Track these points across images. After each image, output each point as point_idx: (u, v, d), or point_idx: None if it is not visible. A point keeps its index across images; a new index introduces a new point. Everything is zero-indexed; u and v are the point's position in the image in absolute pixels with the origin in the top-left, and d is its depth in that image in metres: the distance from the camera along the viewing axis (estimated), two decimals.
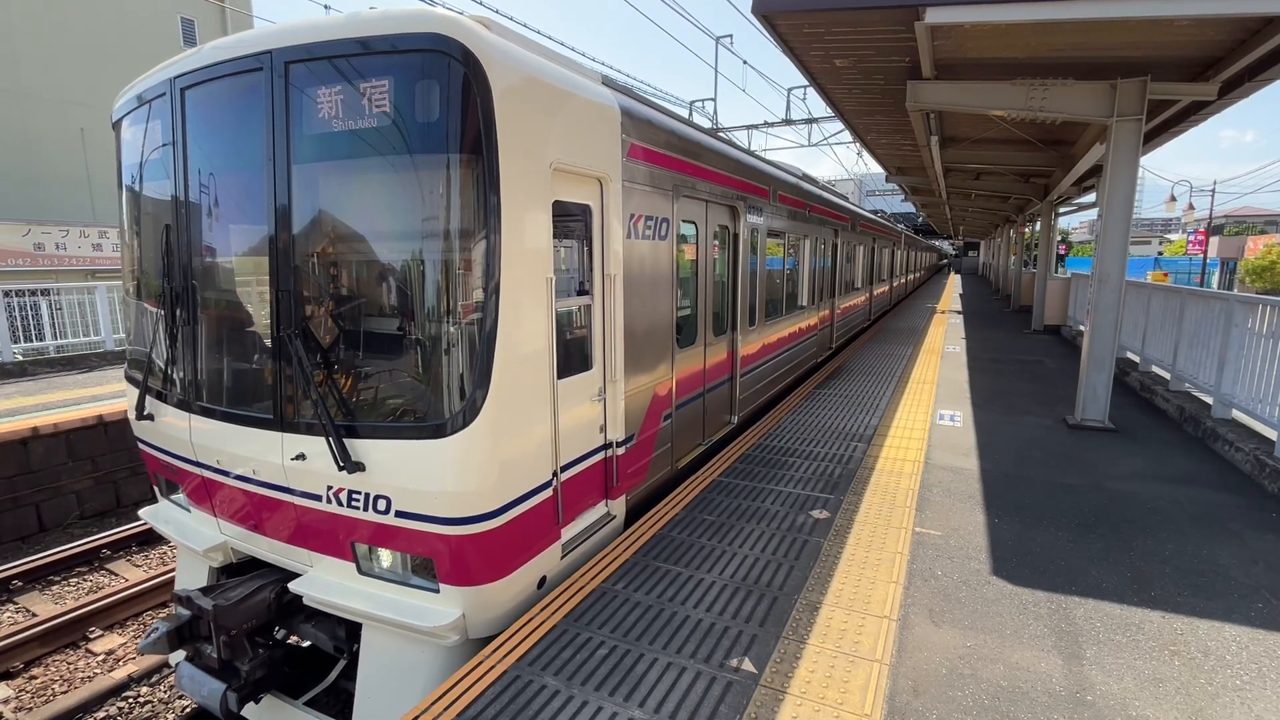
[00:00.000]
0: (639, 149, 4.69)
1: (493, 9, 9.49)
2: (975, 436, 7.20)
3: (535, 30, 9.78)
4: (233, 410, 3.77)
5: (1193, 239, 45.58)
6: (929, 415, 8.08)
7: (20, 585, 6.87)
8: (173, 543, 4.50)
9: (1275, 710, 2.96)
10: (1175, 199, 28.90)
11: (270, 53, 3.38)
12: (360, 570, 3.60)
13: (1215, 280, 39.62)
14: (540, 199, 3.55)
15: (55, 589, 6.94)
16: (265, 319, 3.57)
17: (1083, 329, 9.32)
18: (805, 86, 21.23)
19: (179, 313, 3.92)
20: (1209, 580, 4.12)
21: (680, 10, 14.18)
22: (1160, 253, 61.72)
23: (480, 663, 3.22)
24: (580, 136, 3.95)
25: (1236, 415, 7.02)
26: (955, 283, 44.76)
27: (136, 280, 4.44)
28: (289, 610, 3.94)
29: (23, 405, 9.54)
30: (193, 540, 4.25)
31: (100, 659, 5.84)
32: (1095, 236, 7.97)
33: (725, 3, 16.13)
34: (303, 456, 3.46)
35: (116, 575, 7.26)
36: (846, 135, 19.84)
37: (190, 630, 3.76)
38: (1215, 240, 41.04)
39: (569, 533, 4.14)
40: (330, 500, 3.48)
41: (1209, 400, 7.53)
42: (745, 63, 22.82)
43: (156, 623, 3.74)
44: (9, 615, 6.46)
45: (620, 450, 4.62)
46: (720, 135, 8.17)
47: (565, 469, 4.00)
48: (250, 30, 3.62)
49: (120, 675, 5.53)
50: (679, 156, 5.40)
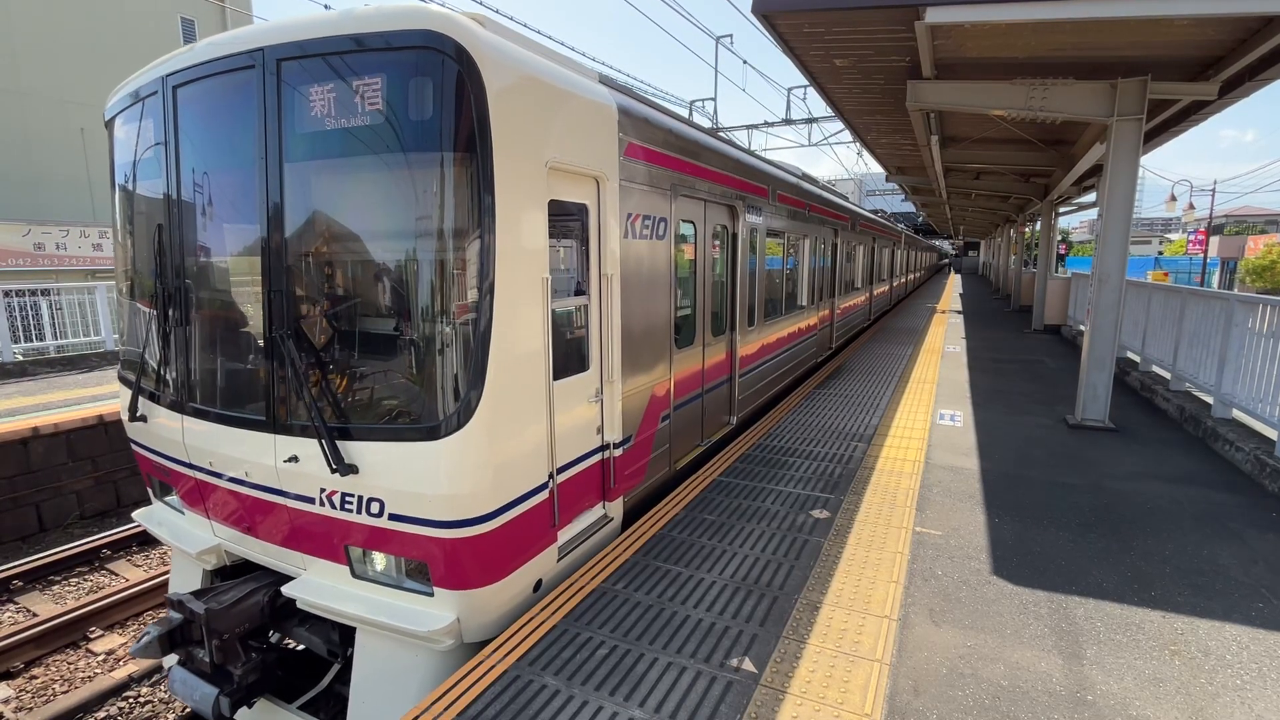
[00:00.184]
0: (636, 148, 4.66)
1: (493, 8, 9.48)
2: (975, 436, 7.20)
3: (536, 30, 9.78)
4: (225, 412, 3.73)
5: (1193, 239, 45.59)
6: (929, 415, 8.07)
7: (20, 585, 6.87)
8: (166, 545, 4.48)
9: (1276, 710, 2.96)
10: (1175, 198, 28.90)
11: (262, 50, 3.34)
12: (354, 574, 3.56)
13: (1215, 280, 39.61)
14: (536, 198, 3.52)
15: (56, 589, 6.94)
16: (258, 319, 3.54)
17: (1083, 329, 9.32)
18: (805, 86, 21.24)
19: (171, 313, 3.88)
20: (1209, 580, 4.12)
21: (680, 10, 14.18)
22: (1160, 252, 61.73)
23: (480, 662, 3.22)
24: (577, 135, 3.92)
25: (1237, 415, 7.01)
26: (955, 282, 44.76)
27: (129, 280, 4.40)
28: (283, 614, 3.89)
29: (23, 405, 9.54)
30: (186, 543, 4.21)
31: (100, 659, 5.84)
32: (1095, 236, 7.97)
33: (725, 2, 16.14)
34: (295, 459, 3.43)
35: (117, 575, 7.26)
36: (847, 135, 19.86)
37: (182, 634, 3.73)
38: (1215, 240, 41.03)
39: (565, 535, 4.11)
40: (323, 503, 3.45)
41: (1209, 400, 7.52)
42: (745, 62, 22.83)
43: (149, 627, 3.70)
44: (9, 615, 6.46)
45: (618, 452, 4.59)
46: (720, 135, 8.17)
47: (562, 471, 3.95)
48: (243, 27, 3.61)
49: (120, 675, 5.53)
50: (677, 156, 5.36)
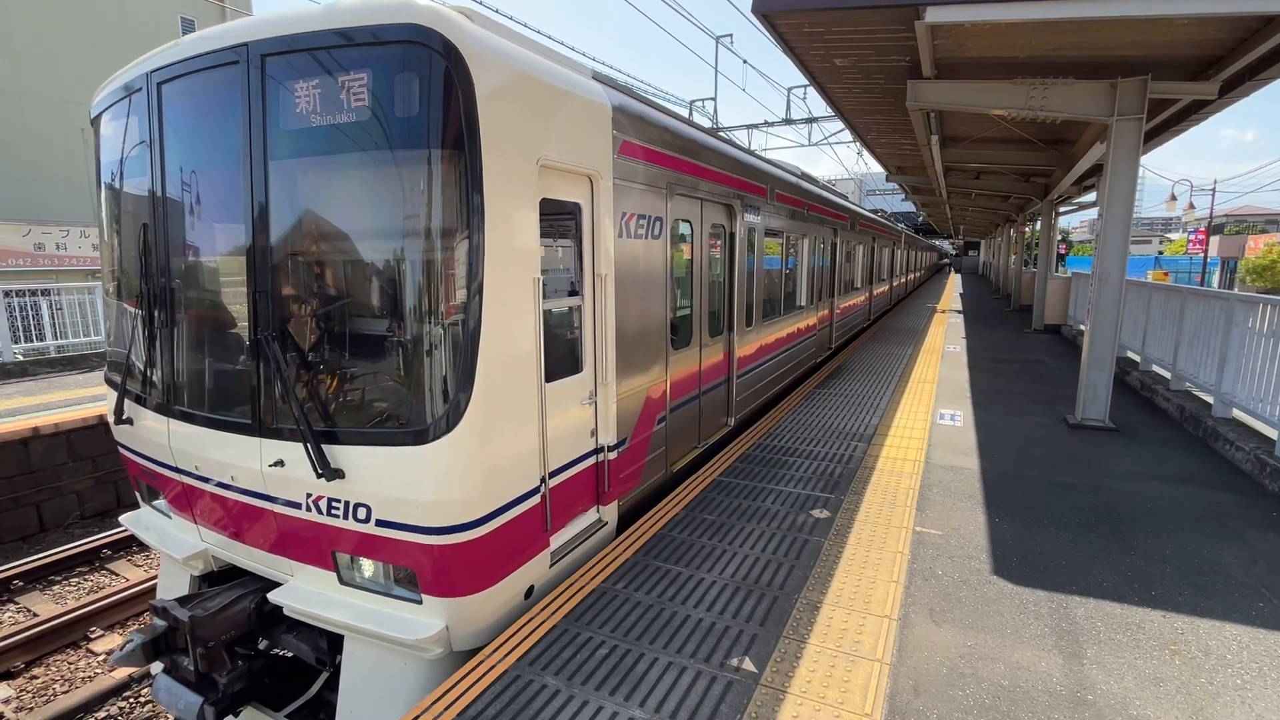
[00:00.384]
0: (631, 146, 4.60)
1: (493, 8, 9.47)
2: (976, 436, 7.20)
3: (536, 30, 9.77)
4: (211, 415, 3.67)
5: (1193, 238, 45.59)
6: (929, 415, 8.07)
7: (21, 585, 6.87)
8: (153, 550, 4.43)
9: (1276, 710, 2.96)
10: (1176, 198, 28.92)
11: (246, 45, 3.28)
12: (341, 580, 3.51)
13: (1216, 279, 39.61)
14: (527, 197, 3.46)
15: (56, 589, 6.94)
16: (243, 321, 3.48)
17: (1083, 328, 9.31)
18: (805, 86, 21.25)
19: (156, 314, 3.82)
20: (1210, 580, 4.12)
21: (680, 10, 14.18)
22: (1161, 252, 61.75)
23: (480, 662, 3.22)
24: (569, 132, 3.85)
25: (1237, 414, 7.01)
26: (955, 282, 44.75)
27: (116, 280, 4.34)
28: (270, 620, 3.81)
29: (23, 405, 9.55)
30: (173, 548, 4.14)
31: (101, 659, 5.84)
32: (1095, 236, 7.97)
33: (725, 2, 16.14)
34: (281, 463, 3.37)
35: (117, 575, 7.26)
36: (847, 135, 19.86)
37: (167, 641, 3.65)
38: (1216, 239, 41.03)
39: (558, 540, 4.05)
40: (309, 508, 3.39)
41: (1209, 399, 7.52)
42: (745, 62, 22.84)
43: (132, 634, 3.62)
44: (10, 615, 6.46)
45: (612, 455, 4.52)
46: (720, 134, 8.16)
47: (554, 475, 3.90)
48: (228, 22, 3.55)
49: (121, 675, 5.53)
50: (673, 154, 5.30)
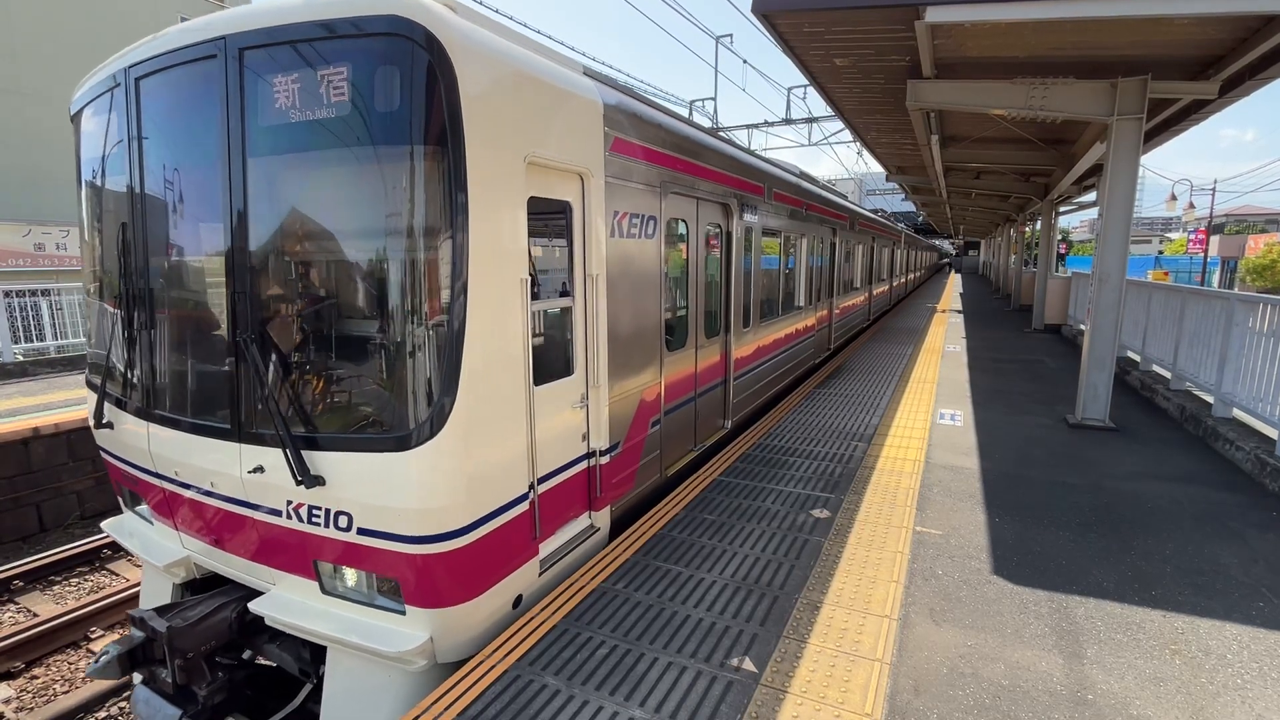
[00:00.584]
0: (623, 143, 4.51)
1: (493, 8, 9.48)
2: (976, 436, 7.20)
3: (537, 30, 9.76)
4: (190, 419, 3.58)
5: (1193, 238, 45.56)
6: (929, 414, 8.07)
7: (21, 585, 6.87)
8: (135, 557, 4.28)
9: (1276, 709, 2.96)
10: (1176, 198, 28.91)
11: (224, 38, 3.20)
12: (323, 589, 3.42)
13: (1216, 279, 39.60)
14: (513, 195, 3.37)
15: (56, 589, 6.94)
16: (223, 322, 3.42)
17: (1083, 328, 9.31)
18: (805, 86, 21.24)
19: (135, 315, 3.74)
20: (1210, 579, 4.12)
21: (680, 10, 14.18)
22: (1161, 252, 61.74)
23: (481, 662, 3.22)
24: (558, 129, 3.77)
25: (1237, 414, 7.01)
26: (955, 282, 44.75)
27: (96, 280, 4.26)
28: (253, 629, 3.71)
29: (24, 405, 9.55)
30: (155, 555, 4.05)
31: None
32: (1096, 235, 7.97)
33: (725, 2, 16.14)
34: (261, 469, 3.29)
35: (117, 575, 7.26)
36: (847, 134, 19.86)
37: (144, 653, 3.56)
38: (1216, 239, 41.01)
39: (548, 548, 3.97)
40: (290, 516, 3.31)
41: (1210, 399, 7.52)
42: (745, 62, 22.83)
43: (108, 645, 3.53)
44: (10, 615, 6.46)
45: (604, 459, 4.43)
46: (720, 134, 8.15)
47: (543, 480, 3.83)
48: (207, 15, 3.46)
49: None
50: (667, 152, 5.21)
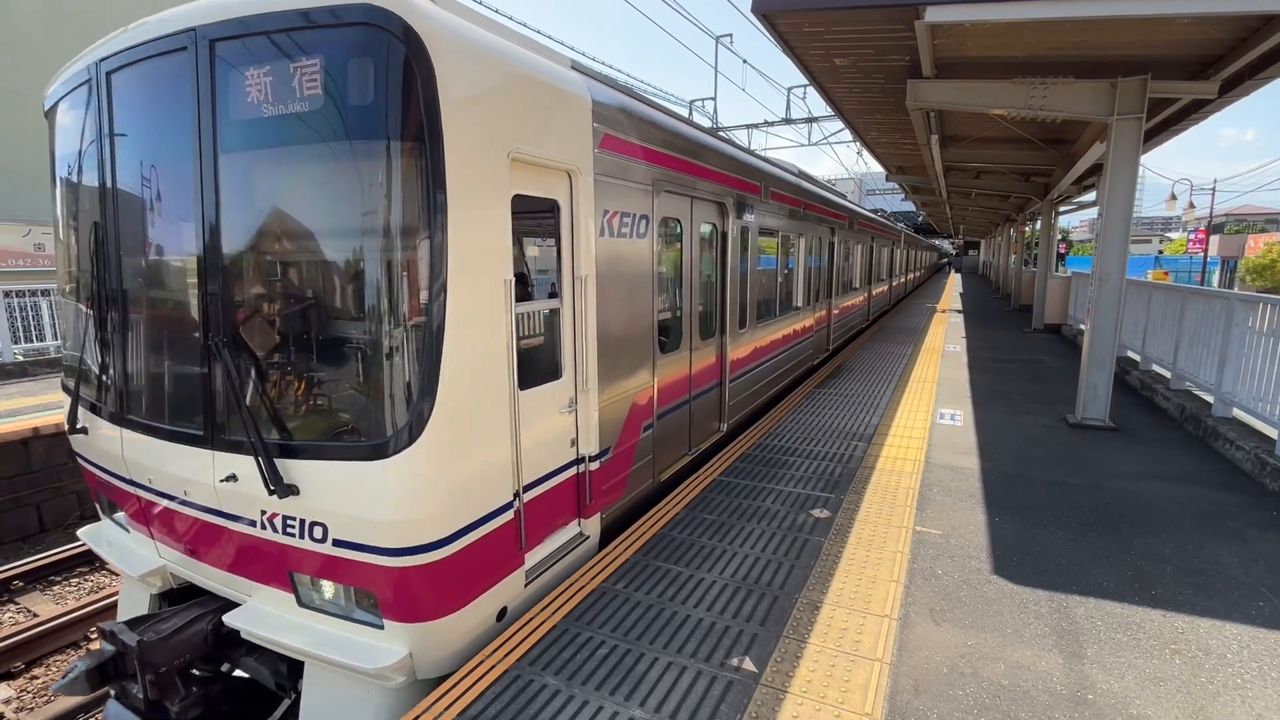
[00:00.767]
0: (614, 140, 4.39)
1: (493, 8, 9.47)
2: (976, 435, 7.20)
3: (537, 30, 9.76)
4: (162, 425, 3.47)
5: (1193, 237, 45.57)
6: (929, 414, 8.07)
7: (21, 585, 6.87)
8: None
9: (1276, 709, 2.96)
10: (1176, 197, 28.93)
11: (194, 30, 3.09)
12: (300, 602, 3.31)
13: (1216, 279, 39.60)
14: (496, 193, 3.27)
15: (56, 589, 6.94)
16: (195, 325, 3.31)
17: (1083, 328, 9.31)
18: (805, 85, 21.24)
19: (107, 317, 3.64)
20: (1210, 579, 4.12)
21: (680, 10, 14.18)
22: (1161, 251, 61.76)
23: (481, 662, 3.22)
24: (545, 125, 3.66)
25: (1237, 414, 7.01)
26: (955, 282, 44.76)
27: (70, 281, 4.14)
28: (230, 642, 3.58)
29: (24, 405, 9.55)
30: (131, 564, 3.95)
31: None
32: (1095, 235, 7.97)
33: (725, 2, 16.14)
34: (234, 478, 3.19)
35: (117, 576, 7.26)
36: (847, 134, 19.86)
37: (115, 667, 3.44)
38: (1216, 239, 41.02)
39: (534, 558, 3.86)
40: (264, 526, 3.21)
41: (1210, 399, 7.52)
42: (745, 62, 22.83)
43: (76, 661, 3.40)
44: (10, 615, 6.46)
45: (594, 465, 4.33)
46: (720, 134, 8.13)
47: (529, 488, 3.72)
48: (179, 6, 3.31)
49: None
50: (659, 149, 5.10)
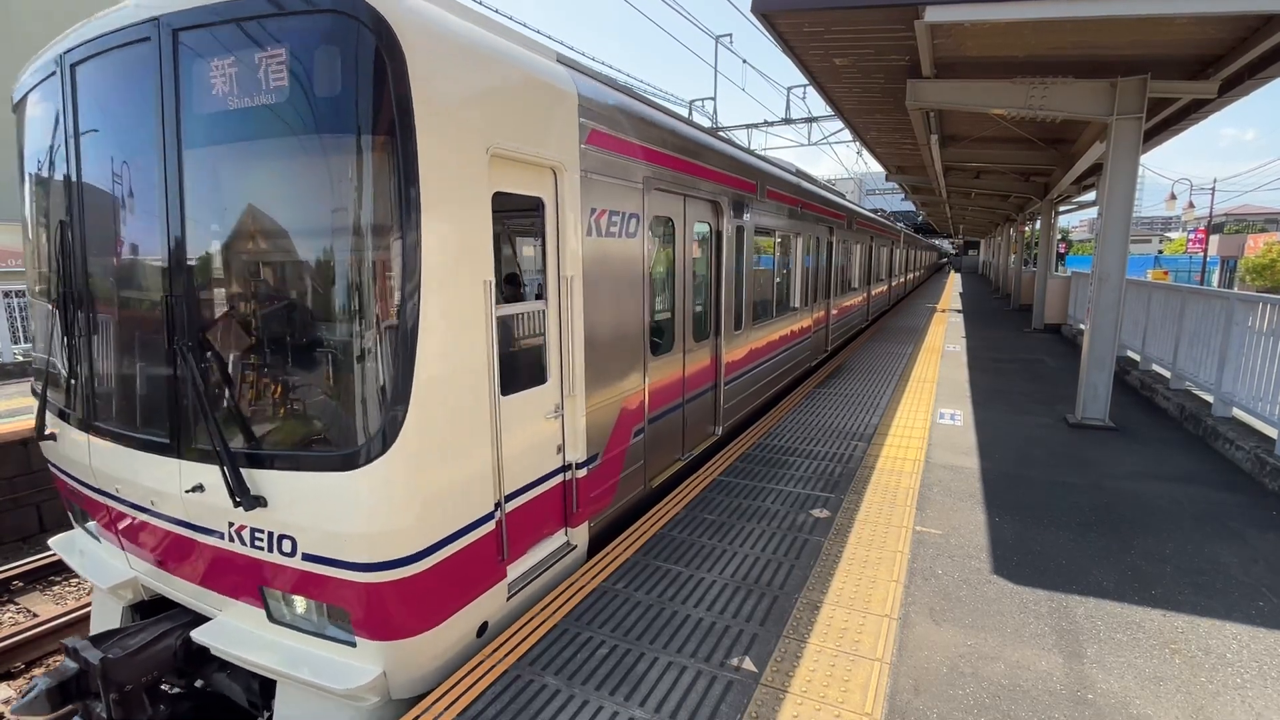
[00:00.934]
0: (601, 136, 4.26)
1: (493, 7, 9.47)
2: (976, 435, 7.20)
3: (537, 30, 9.75)
4: (129, 432, 3.36)
5: (1193, 237, 45.60)
6: (929, 414, 8.07)
7: (21, 586, 6.87)
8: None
9: (1276, 708, 2.96)
10: (1175, 197, 28.93)
11: (158, 19, 2.97)
12: (271, 617, 3.18)
13: (1215, 279, 39.61)
14: (474, 190, 3.13)
15: (56, 589, 6.94)
16: (161, 329, 3.18)
17: (1083, 328, 9.31)
18: (805, 85, 21.25)
19: (73, 320, 3.53)
20: (1210, 579, 4.12)
21: (680, 10, 14.18)
22: (1160, 251, 61.78)
23: (481, 662, 3.22)
24: (528, 120, 3.53)
25: (1237, 413, 7.01)
26: (955, 281, 44.76)
27: (38, 282, 4.04)
28: (202, 657, 3.42)
29: (23, 405, 9.54)
30: (101, 575, 3.83)
31: None
32: (1095, 235, 7.97)
33: (725, 2, 16.14)
34: (201, 488, 3.07)
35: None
36: (846, 134, 19.86)
37: (78, 685, 3.29)
38: (1215, 238, 41.01)
39: (517, 570, 3.73)
40: (232, 539, 3.09)
41: (1209, 398, 7.52)
42: (745, 61, 22.82)
43: (36, 679, 3.29)
44: (10, 615, 6.46)
45: (581, 472, 4.20)
46: (719, 134, 8.12)
47: (511, 498, 3.58)
48: None
49: None
50: (650, 146, 4.96)
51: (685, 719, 2.83)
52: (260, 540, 3.01)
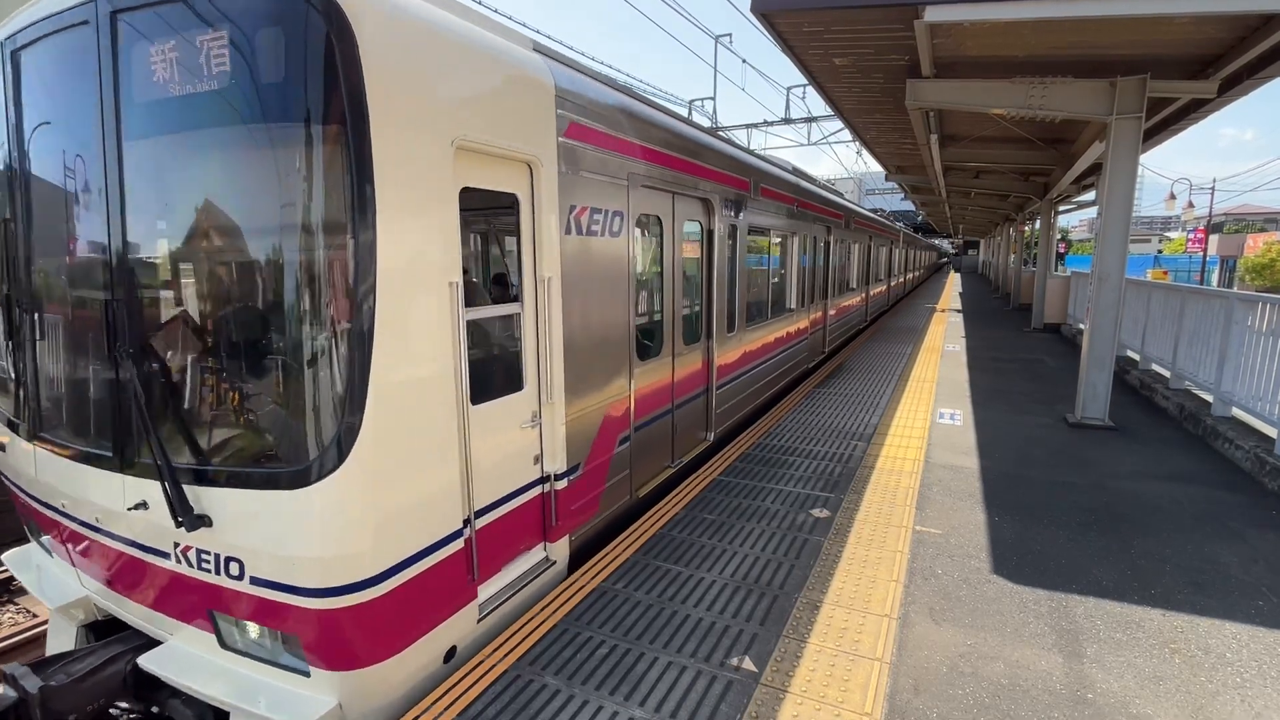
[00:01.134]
0: (581, 129, 4.05)
1: (492, 7, 9.46)
2: (975, 435, 7.20)
3: (536, 30, 9.74)
4: (72, 444, 3.20)
5: (1192, 237, 45.64)
6: (929, 414, 8.08)
7: (20, 586, 6.87)
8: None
9: (1276, 708, 2.96)
10: (1175, 197, 28.91)
11: (95, 1, 2.81)
12: (222, 643, 2.99)
13: (1215, 278, 39.62)
14: (437, 185, 2.93)
15: None
16: (102, 334, 3.00)
17: (1083, 327, 9.32)
18: (805, 85, 21.24)
19: (19, 322, 3.38)
20: (1209, 578, 4.12)
21: (680, 9, 14.18)
22: (1160, 251, 61.78)
23: (480, 662, 3.22)
24: (499, 110, 3.33)
25: (1236, 413, 7.02)
26: (955, 281, 44.79)
27: None
28: (154, 683, 3.18)
29: None
30: (52, 593, 3.65)
31: None
32: (1095, 235, 7.98)
33: (725, 1, 16.14)
34: (144, 505, 2.91)
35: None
36: (846, 134, 19.85)
37: (18, 716, 3.06)
38: (1215, 238, 41.02)
39: (489, 589, 3.52)
40: (179, 559, 2.90)
41: (1209, 398, 7.53)
42: (745, 61, 22.81)
43: None
44: (9, 616, 6.46)
45: (561, 484, 4.00)
46: (719, 134, 8.10)
47: (483, 513, 3.39)
48: None
49: None
50: (635, 140, 4.74)
51: (685, 719, 2.83)
52: (207, 562, 2.83)
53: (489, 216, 6.05)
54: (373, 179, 2.58)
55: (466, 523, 3.22)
